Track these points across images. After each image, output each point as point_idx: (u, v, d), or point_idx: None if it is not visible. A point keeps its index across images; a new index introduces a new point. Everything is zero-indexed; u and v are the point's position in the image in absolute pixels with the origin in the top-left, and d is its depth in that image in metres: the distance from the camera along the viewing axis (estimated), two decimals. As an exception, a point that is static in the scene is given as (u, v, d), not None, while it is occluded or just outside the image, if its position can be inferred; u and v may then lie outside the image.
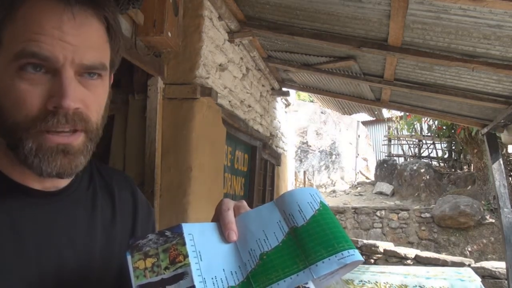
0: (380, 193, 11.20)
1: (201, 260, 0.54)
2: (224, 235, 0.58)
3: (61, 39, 0.58)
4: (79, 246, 0.66)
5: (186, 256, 0.53)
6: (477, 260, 7.20)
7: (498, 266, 5.81)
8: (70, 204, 0.68)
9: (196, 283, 0.51)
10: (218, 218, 0.61)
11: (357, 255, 0.54)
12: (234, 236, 0.58)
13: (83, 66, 0.60)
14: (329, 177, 14.51)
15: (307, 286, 0.53)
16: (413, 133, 12.25)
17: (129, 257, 0.53)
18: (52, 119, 0.57)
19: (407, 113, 9.86)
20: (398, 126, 12.91)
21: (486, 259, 7.62)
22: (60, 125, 0.58)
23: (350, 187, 12.92)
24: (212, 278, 0.53)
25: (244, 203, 0.64)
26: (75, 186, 0.69)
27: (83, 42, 0.60)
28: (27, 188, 0.63)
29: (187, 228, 0.56)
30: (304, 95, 15.76)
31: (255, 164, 4.51)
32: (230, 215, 0.60)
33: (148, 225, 0.82)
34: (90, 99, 0.62)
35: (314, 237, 0.56)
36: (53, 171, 0.59)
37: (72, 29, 0.59)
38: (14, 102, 0.57)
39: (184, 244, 0.54)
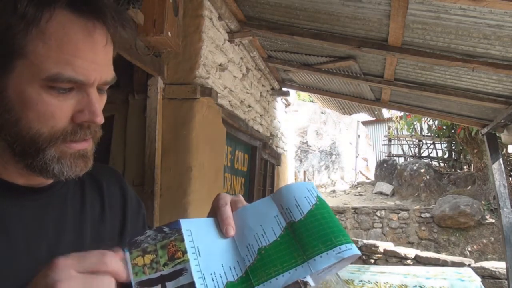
0: (380, 193, 11.20)
1: (199, 256, 0.54)
2: (222, 231, 0.59)
3: (94, 61, 0.59)
4: (68, 241, 0.67)
5: (184, 252, 0.53)
6: (477, 260, 7.20)
7: (498, 266, 5.81)
8: (58, 200, 0.68)
9: (195, 279, 0.51)
10: (215, 213, 0.61)
11: (354, 249, 0.55)
12: (232, 231, 0.58)
13: (104, 82, 0.63)
14: (329, 177, 14.51)
15: (305, 280, 0.53)
16: (413, 133, 12.25)
17: (127, 254, 0.53)
18: (80, 132, 0.61)
19: (407, 113, 9.86)
20: (398, 126, 12.91)
21: (486, 259, 7.62)
22: (85, 136, 0.62)
23: (350, 187, 12.92)
24: (211, 274, 0.53)
25: (241, 197, 0.65)
26: (62, 182, 0.70)
27: (106, 60, 0.62)
28: (14, 185, 0.63)
29: (185, 224, 0.56)
30: (304, 95, 15.75)
31: (255, 164, 4.51)
32: (228, 210, 0.60)
33: (138, 219, 0.82)
34: (101, 109, 0.65)
35: (312, 231, 0.56)
36: (73, 174, 0.63)
37: (101, 48, 0.60)
38: (40, 115, 0.58)
39: (182, 240, 0.54)
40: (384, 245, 7.15)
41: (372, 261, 6.94)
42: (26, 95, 0.57)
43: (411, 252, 6.86)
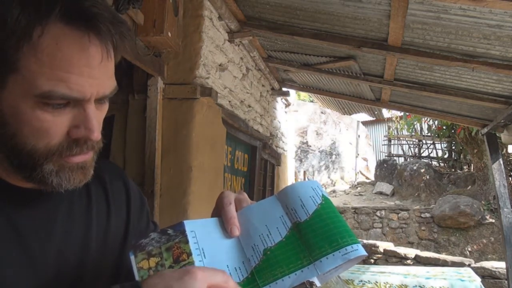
0: (380, 193, 11.20)
1: (204, 257, 0.54)
2: (226, 230, 0.58)
3: (90, 76, 0.57)
4: (76, 239, 0.67)
5: (189, 254, 0.53)
6: (477, 260, 7.20)
7: (498, 266, 5.81)
8: (65, 198, 0.68)
9: None
10: (219, 213, 0.61)
11: (360, 250, 0.54)
12: (237, 231, 0.58)
13: (103, 96, 0.61)
14: (329, 177, 14.51)
15: (311, 281, 0.53)
16: (413, 133, 12.25)
17: (132, 257, 0.53)
18: (77, 148, 0.59)
19: (407, 113, 9.86)
20: (398, 126, 12.90)
21: (486, 259, 7.61)
22: (82, 152, 0.60)
23: (350, 187, 12.91)
24: None
25: (245, 195, 0.64)
26: None
27: (105, 73, 0.59)
28: (21, 188, 0.63)
29: (189, 225, 0.56)
30: (304, 95, 15.75)
31: (255, 164, 4.51)
32: (232, 210, 0.60)
33: (142, 215, 0.82)
34: (101, 120, 0.63)
35: (318, 232, 0.56)
36: (72, 186, 0.61)
37: (98, 62, 0.57)
38: (34, 131, 0.57)
39: (187, 242, 0.54)
40: (384, 245, 7.15)
41: (372, 261, 6.94)
42: (19, 110, 0.55)
43: (411, 252, 6.85)
